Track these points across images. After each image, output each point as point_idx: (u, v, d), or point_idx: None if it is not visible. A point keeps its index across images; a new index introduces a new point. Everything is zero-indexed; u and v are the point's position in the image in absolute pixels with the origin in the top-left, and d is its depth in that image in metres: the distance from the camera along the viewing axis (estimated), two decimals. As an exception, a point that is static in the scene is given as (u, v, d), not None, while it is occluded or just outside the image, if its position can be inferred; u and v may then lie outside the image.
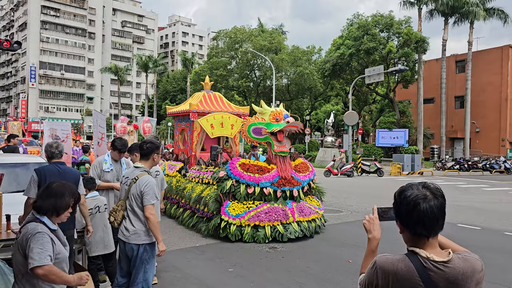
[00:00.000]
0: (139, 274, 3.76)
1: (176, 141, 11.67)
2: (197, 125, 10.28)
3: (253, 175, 7.71)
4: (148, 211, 3.68)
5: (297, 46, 45.36)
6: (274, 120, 7.92)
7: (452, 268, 1.66)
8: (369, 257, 1.99)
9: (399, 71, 27.45)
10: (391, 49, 34.11)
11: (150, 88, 68.08)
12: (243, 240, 7.44)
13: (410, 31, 34.23)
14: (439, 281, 1.65)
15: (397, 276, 1.69)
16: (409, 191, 1.75)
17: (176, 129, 11.67)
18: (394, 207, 1.82)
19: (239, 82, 44.05)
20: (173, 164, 10.48)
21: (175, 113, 11.49)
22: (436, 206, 1.70)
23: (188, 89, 55.54)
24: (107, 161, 5.24)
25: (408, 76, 36.31)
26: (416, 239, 1.73)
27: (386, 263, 1.74)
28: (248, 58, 42.81)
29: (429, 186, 1.77)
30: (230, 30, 44.80)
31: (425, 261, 1.68)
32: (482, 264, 1.74)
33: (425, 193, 1.72)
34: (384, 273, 1.72)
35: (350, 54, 35.45)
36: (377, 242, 2.01)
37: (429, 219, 1.69)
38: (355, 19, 37.74)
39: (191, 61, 57.30)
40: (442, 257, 1.68)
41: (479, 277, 1.71)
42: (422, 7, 36.38)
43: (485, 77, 39.89)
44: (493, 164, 31.12)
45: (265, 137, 7.97)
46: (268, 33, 44.43)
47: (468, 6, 34.77)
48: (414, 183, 1.79)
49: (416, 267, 1.67)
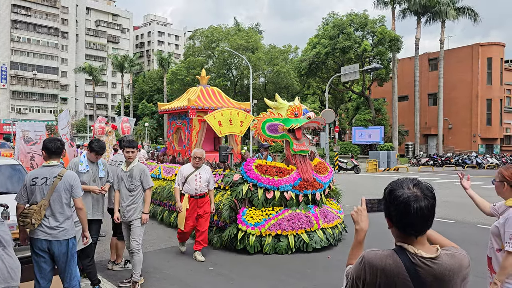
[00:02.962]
0: (73, 268, 3.90)
1: (170, 141, 10.72)
2: (195, 123, 9.55)
3: (272, 177, 6.85)
4: (80, 203, 3.96)
5: (274, 45, 45.55)
6: (292, 115, 7.09)
7: (440, 265, 1.67)
8: (356, 248, 2.01)
9: (374, 69, 27.87)
10: (366, 48, 34.63)
11: (126, 88, 67.18)
12: (263, 252, 6.66)
13: (384, 30, 34.81)
14: (426, 277, 1.66)
15: (385, 271, 1.70)
16: (399, 190, 1.72)
17: (170, 127, 10.68)
18: (384, 205, 1.80)
19: (216, 81, 43.90)
20: (170, 167, 9.34)
21: (169, 110, 10.41)
22: (426, 207, 1.68)
23: (165, 89, 55.02)
24: (83, 162, 5.17)
25: (383, 74, 36.93)
26: (405, 236, 1.74)
27: (374, 259, 1.73)
28: (225, 57, 42.75)
29: (420, 184, 1.74)
30: (207, 29, 44.65)
31: (413, 257, 1.68)
32: (469, 260, 1.76)
33: (416, 193, 1.70)
34: (372, 269, 1.73)
35: (326, 53, 35.80)
36: (364, 233, 2.00)
37: (420, 220, 1.69)
38: (331, 18, 38.12)
39: (168, 60, 56.76)
40: (430, 253, 1.69)
41: (466, 273, 1.73)
42: (396, 6, 37.02)
43: (456, 74, 40.95)
44: (465, 159, 32.00)
45: (281, 135, 7.17)
46: (244, 32, 44.45)
47: (440, 5, 35.59)
48: (405, 181, 1.77)
49: (404, 263, 1.68)
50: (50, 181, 3.83)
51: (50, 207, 3.82)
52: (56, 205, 3.82)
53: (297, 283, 5.46)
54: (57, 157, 3.97)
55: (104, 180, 5.25)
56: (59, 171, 3.88)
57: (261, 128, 7.25)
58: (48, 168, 3.90)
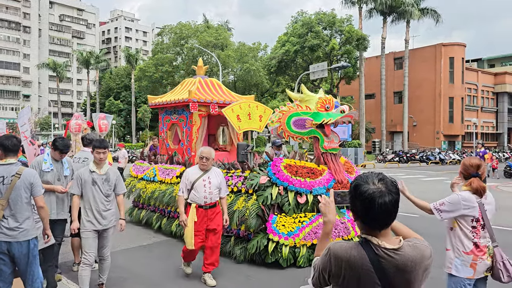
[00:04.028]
0: (35, 269, 3.79)
1: (163, 139, 9.38)
2: (196, 118, 8.45)
3: (304, 179, 6.06)
4: (41, 201, 3.81)
5: (243, 43, 45.53)
6: (323, 109, 6.28)
7: (402, 255, 1.71)
8: (324, 240, 2.05)
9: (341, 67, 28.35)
10: (334, 46, 35.14)
11: (92, 85, 65.54)
12: (297, 265, 5.85)
13: (351, 29, 35.43)
14: (389, 268, 1.70)
15: (350, 263, 1.73)
16: (365, 186, 1.75)
17: (163, 123, 9.38)
18: (350, 199, 1.84)
19: (185, 78, 43.51)
20: (168, 168, 8.14)
21: (161, 104, 9.17)
22: (390, 202, 1.71)
23: (132, 86, 54.08)
24: (47, 161, 5.01)
25: (351, 72, 37.61)
26: (370, 229, 1.77)
27: (339, 250, 1.77)
28: (194, 54, 42.38)
29: (384, 180, 1.77)
30: (175, 26, 44.13)
31: (376, 248, 1.72)
32: (431, 251, 1.80)
33: (381, 189, 1.73)
34: (337, 260, 1.76)
35: (295, 51, 36.11)
36: (331, 225, 2.04)
37: (383, 215, 1.72)
38: (300, 17, 38.47)
39: (135, 57, 55.78)
40: (393, 245, 1.72)
41: (428, 264, 1.77)
42: (362, 6, 37.77)
43: (421, 73, 42.17)
44: (429, 156, 33.05)
45: (309, 131, 6.33)
46: (214, 29, 44.22)
47: (404, 6, 36.56)
48: (370, 176, 1.79)
49: (368, 254, 1.72)
50: (7, 180, 3.68)
51: (9, 207, 3.67)
52: (15, 205, 3.67)
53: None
54: (14, 155, 3.81)
55: (69, 178, 5.11)
56: (17, 169, 3.72)
57: (286, 123, 6.36)
58: (5, 167, 3.73)
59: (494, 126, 50.42)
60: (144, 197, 8.25)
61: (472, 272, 3.36)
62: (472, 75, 46.51)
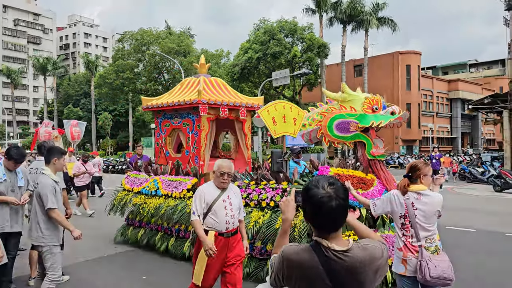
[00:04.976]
0: None
1: (161, 147, 8.23)
2: (205, 123, 7.42)
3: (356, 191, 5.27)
4: None
5: (206, 50, 45.44)
6: (370, 110, 5.60)
7: (351, 257, 1.74)
8: (282, 237, 2.09)
9: (303, 74, 28.81)
10: (296, 54, 35.68)
11: (49, 92, 63.34)
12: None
13: (312, 37, 36.11)
14: (339, 269, 1.73)
15: (301, 265, 1.76)
16: (314, 190, 1.78)
17: (160, 129, 8.22)
18: (302, 202, 1.87)
19: (147, 85, 42.87)
20: (175, 180, 7.05)
21: (159, 106, 7.97)
22: (338, 206, 1.75)
23: (92, 93, 52.71)
24: (0, 171, 4.82)
25: (312, 79, 38.27)
26: (320, 231, 1.81)
27: (291, 253, 1.80)
28: (156, 61, 41.87)
29: (335, 184, 1.81)
30: (137, 32, 43.45)
31: (326, 250, 1.75)
32: (382, 252, 1.83)
33: (330, 193, 1.76)
34: (289, 263, 1.79)
35: (257, 58, 36.37)
36: (289, 223, 2.08)
37: (332, 218, 1.77)
38: (262, 24, 38.82)
39: (95, 63, 54.44)
40: (342, 246, 1.76)
41: (379, 264, 1.80)
42: (323, 14, 38.63)
43: (379, 80, 43.48)
44: (389, 160, 34.08)
45: (354, 135, 5.65)
46: (176, 35, 43.87)
47: (363, 15, 37.70)
48: (321, 179, 1.83)
49: (318, 256, 1.75)
50: None
51: None
52: None
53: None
54: None
55: (23, 189, 4.92)
56: None
57: (327, 127, 5.70)
58: None
59: (448, 130, 52.60)
60: (145, 213, 7.08)
61: (404, 269, 3.51)
62: (427, 82, 48.42)
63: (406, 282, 3.52)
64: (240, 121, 8.01)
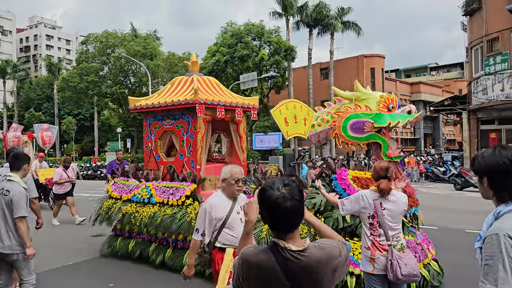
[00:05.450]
0: None
1: (150, 150, 7.68)
2: (201, 124, 6.97)
3: None
4: None
5: (173, 53, 45.00)
6: (385, 109, 5.37)
7: (308, 256, 1.76)
8: (244, 239, 2.13)
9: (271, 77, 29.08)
10: (263, 57, 35.91)
11: (9, 95, 61.01)
12: None
13: (279, 40, 36.45)
14: (296, 269, 1.75)
15: (259, 266, 1.79)
16: (270, 191, 1.81)
17: (150, 131, 7.69)
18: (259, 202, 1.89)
19: (113, 88, 41.99)
20: (171, 187, 6.59)
21: (150, 107, 7.41)
22: (292, 207, 1.77)
23: (55, 97, 51.19)
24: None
25: (280, 82, 38.62)
26: (277, 232, 1.84)
27: (250, 255, 1.83)
28: (122, 63, 41.12)
29: (289, 185, 1.83)
30: (101, 34, 42.53)
31: (283, 251, 1.77)
32: (340, 251, 1.86)
33: (285, 194, 1.78)
34: (248, 264, 1.83)
35: (225, 61, 36.36)
36: (252, 224, 2.13)
37: (286, 219, 1.79)
38: (229, 27, 38.86)
39: (58, 66, 52.92)
40: (298, 246, 1.78)
41: (337, 263, 1.82)
42: (289, 18, 39.05)
43: (345, 83, 44.08)
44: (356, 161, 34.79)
45: (368, 136, 5.42)
46: (142, 38, 43.22)
47: (328, 19, 38.38)
48: (277, 181, 1.85)
49: (276, 257, 1.77)
50: None
51: None
52: None
53: None
54: None
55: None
56: None
57: (342, 127, 5.46)
58: None
59: (412, 132, 54.17)
60: (137, 223, 6.55)
61: (372, 267, 3.62)
62: (391, 85, 49.74)
63: (374, 280, 3.62)
64: (235, 122, 7.66)
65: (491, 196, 1.93)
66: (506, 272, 1.68)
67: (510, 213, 1.83)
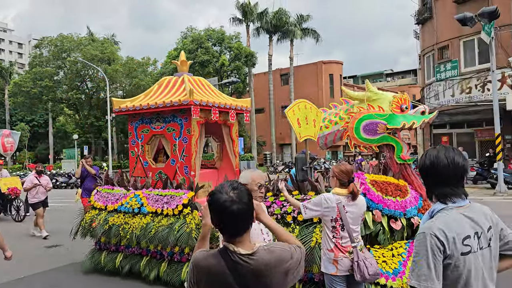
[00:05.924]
0: None
1: (136, 156, 7.07)
2: (195, 127, 6.52)
3: (395, 199, 4.77)
4: None
5: (132, 57, 44.15)
6: (398, 110, 5.17)
7: (256, 260, 1.76)
8: (200, 242, 2.13)
9: (231, 83, 29.17)
10: (224, 62, 35.95)
11: (-45, 101, 57.80)
12: None
13: (240, 46, 36.64)
14: (245, 273, 1.75)
15: (209, 271, 1.80)
16: (218, 194, 1.81)
17: (136, 135, 7.10)
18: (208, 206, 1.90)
19: (68, 94, 40.69)
20: (165, 195, 6.06)
21: (137, 109, 6.82)
22: (239, 211, 1.77)
23: (6, 102, 48.92)
24: None
25: (241, 88, 38.78)
26: (227, 236, 1.84)
27: (200, 259, 1.85)
28: (78, 68, 39.90)
29: (238, 188, 1.84)
30: (56, 38, 41.15)
31: (233, 255, 1.78)
32: (291, 254, 1.86)
33: (232, 197, 1.78)
34: (197, 268, 1.84)
35: (185, 66, 36.13)
36: (208, 228, 2.10)
37: (234, 222, 1.79)
38: (189, 33, 38.68)
39: (9, 70, 50.65)
40: (247, 250, 1.78)
41: (288, 266, 1.82)
42: (250, 24, 39.38)
43: (305, 89, 45.04)
44: (316, 165, 35.35)
45: (381, 137, 5.20)
46: (99, 42, 42.19)
47: (288, 25, 38.99)
48: (225, 184, 1.86)
49: (226, 261, 1.77)
50: None
51: None
52: None
53: None
54: None
55: None
56: None
57: (355, 128, 5.23)
58: None
59: (369, 136, 55.75)
60: (127, 235, 6.00)
61: (335, 269, 3.70)
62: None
63: (337, 281, 3.68)
64: (228, 125, 7.28)
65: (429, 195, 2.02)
66: (429, 269, 1.78)
67: (442, 212, 1.91)
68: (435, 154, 1.97)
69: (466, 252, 1.81)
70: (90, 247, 6.92)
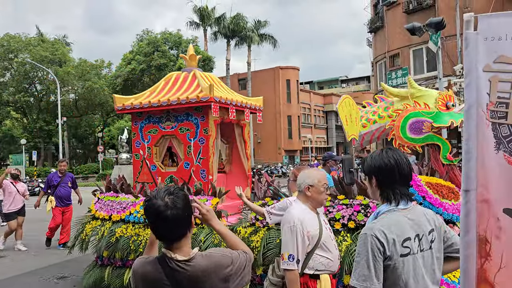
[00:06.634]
0: None
1: (142, 159, 6.29)
2: (212, 126, 5.86)
3: (451, 202, 4.31)
4: None
5: (85, 59, 42.75)
6: (444, 107, 4.80)
7: (193, 266, 1.74)
8: (148, 248, 2.09)
9: (189, 87, 28.88)
10: (181, 66, 35.50)
11: None
12: None
13: (197, 50, 36.35)
14: (182, 279, 1.74)
15: (146, 278, 1.78)
16: (153, 200, 1.77)
17: (142, 137, 6.33)
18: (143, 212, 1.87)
19: (16, 96, 38.76)
20: None
21: (143, 107, 6.10)
22: (173, 216, 1.74)
23: None
24: None
25: (198, 92, 38.54)
26: (164, 242, 1.81)
27: (137, 266, 1.83)
28: (27, 70, 38.15)
29: (174, 194, 1.79)
30: (2, 38, 39.15)
31: (170, 261, 1.75)
32: (233, 259, 1.83)
33: (167, 203, 1.74)
34: (135, 275, 1.83)
35: (141, 69, 35.48)
36: None
37: (169, 228, 1.76)
38: (145, 35, 38.04)
39: (-50, 71, 47.68)
40: (184, 256, 1.76)
41: (228, 272, 1.80)
42: (207, 28, 39.28)
43: (262, 93, 44.96)
44: (273, 170, 35.71)
45: (426, 137, 4.81)
46: (49, 43, 40.53)
47: (246, 30, 39.22)
48: (162, 190, 1.82)
49: (163, 268, 1.75)
50: None
51: None
52: None
53: None
54: None
55: None
56: None
57: (401, 127, 4.81)
58: None
59: (325, 141, 56.96)
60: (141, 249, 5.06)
61: None
62: (305, 96, 51.98)
63: None
64: (240, 125, 6.62)
65: (378, 196, 2.03)
66: (369, 270, 1.79)
67: (387, 213, 1.94)
68: (381, 155, 2.00)
69: (405, 253, 1.83)
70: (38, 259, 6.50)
